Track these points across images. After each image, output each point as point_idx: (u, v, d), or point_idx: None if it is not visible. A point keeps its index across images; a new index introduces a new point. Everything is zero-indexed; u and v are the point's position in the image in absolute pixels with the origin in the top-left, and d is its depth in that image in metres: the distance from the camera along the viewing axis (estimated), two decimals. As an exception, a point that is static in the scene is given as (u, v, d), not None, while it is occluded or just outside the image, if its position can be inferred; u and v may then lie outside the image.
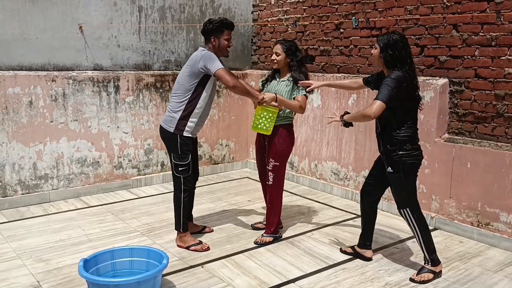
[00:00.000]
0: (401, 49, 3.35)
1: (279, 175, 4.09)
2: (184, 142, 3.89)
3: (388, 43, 3.35)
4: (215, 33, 3.85)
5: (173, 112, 3.87)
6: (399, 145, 3.40)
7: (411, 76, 3.35)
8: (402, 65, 3.34)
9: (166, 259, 3.15)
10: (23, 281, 3.43)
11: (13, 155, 4.95)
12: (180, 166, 3.93)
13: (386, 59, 3.38)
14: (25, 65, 5.06)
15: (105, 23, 5.50)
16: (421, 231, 3.50)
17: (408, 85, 3.33)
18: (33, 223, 4.57)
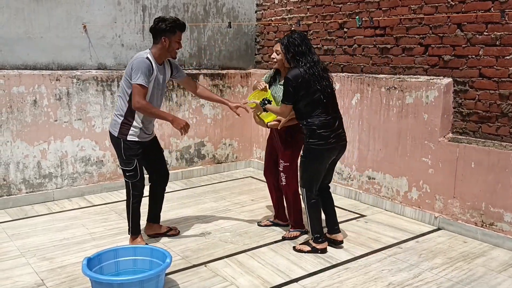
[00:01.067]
0: (299, 45, 3.69)
1: (291, 175, 4.12)
2: (128, 147, 3.75)
3: (287, 44, 3.73)
4: (167, 33, 3.67)
5: (116, 116, 3.77)
6: (309, 133, 3.71)
7: (309, 69, 3.64)
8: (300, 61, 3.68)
9: (169, 258, 3.16)
10: (27, 280, 3.44)
11: (17, 154, 4.97)
12: (127, 171, 3.81)
13: (287, 57, 3.75)
14: (29, 64, 5.08)
15: (109, 22, 5.51)
16: (309, 211, 3.87)
17: (305, 79, 3.61)
18: (37, 222, 4.59)
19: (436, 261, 3.79)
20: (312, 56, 3.72)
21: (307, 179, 3.83)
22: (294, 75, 3.64)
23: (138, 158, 3.83)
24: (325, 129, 3.68)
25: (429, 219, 4.57)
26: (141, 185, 3.92)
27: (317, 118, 3.68)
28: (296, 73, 3.64)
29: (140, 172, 3.86)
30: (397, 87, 4.77)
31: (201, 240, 4.17)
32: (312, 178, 3.83)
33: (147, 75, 3.64)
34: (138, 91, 3.60)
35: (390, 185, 4.93)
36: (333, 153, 3.82)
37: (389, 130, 4.87)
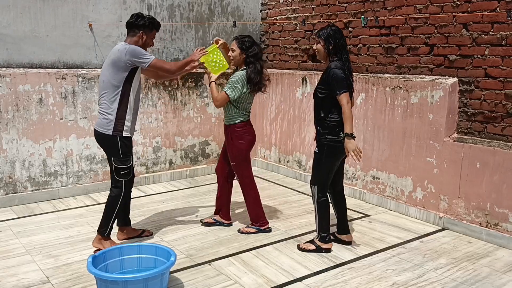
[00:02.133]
0: (340, 38, 3.71)
1: (241, 173, 4.28)
2: (125, 144, 3.75)
3: (329, 35, 3.70)
4: (145, 29, 3.75)
5: (108, 114, 3.70)
6: (329, 130, 3.71)
7: (348, 63, 3.69)
8: (340, 54, 3.69)
9: (174, 256, 3.17)
10: (33, 277, 3.46)
11: (23, 152, 5.00)
12: (122, 169, 3.78)
13: (329, 50, 3.71)
14: (35, 62, 5.10)
15: (115, 21, 5.52)
16: (319, 210, 3.86)
17: (345, 73, 3.65)
18: (42, 220, 4.61)
19: (440, 261, 3.78)
20: (348, 52, 3.79)
21: (321, 176, 3.83)
22: (339, 66, 3.66)
23: (132, 156, 3.86)
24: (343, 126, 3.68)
25: (433, 219, 4.56)
26: (131, 183, 3.95)
27: (339, 114, 3.69)
28: (339, 65, 3.67)
29: (132, 169, 3.90)
30: (402, 87, 4.76)
31: (206, 239, 4.18)
32: (326, 175, 3.83)
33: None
34: (159, 61, 3.74)
35: (395, 185, 4.93)
36: (344, 152, 3.79)
37: (394, 129, 4.86)
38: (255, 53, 4.09)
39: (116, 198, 3.83)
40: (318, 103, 3.79)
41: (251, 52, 4.08)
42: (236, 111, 4.16)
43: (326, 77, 3.70)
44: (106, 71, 3.73)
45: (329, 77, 3.66)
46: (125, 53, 3.63)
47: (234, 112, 4.17)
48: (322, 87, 3.75)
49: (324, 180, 3.84)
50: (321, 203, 3.86)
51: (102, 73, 3.76)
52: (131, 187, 4.00)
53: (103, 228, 3.83)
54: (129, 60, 3.63)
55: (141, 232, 4.21)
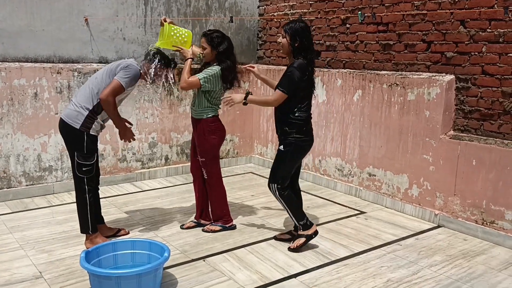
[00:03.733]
0: (307, 37, 3.60)
1: (210, 169, 4.15)
2: (91, 141, 3.70)
3: (297, 31, 3.56)
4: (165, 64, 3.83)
5: (80, 107, 3.62)
6: (296, 128, 3.65)
7: (312, 63, 3.63)
8: (306, 53, 3.58)
9: (168, 252, 3.15)
10: (25, 272, 3.44)
11: (17, 147, 4.97)
12: (84, 166, 3.69)
13: (294, 47, 3.57)
14: (30, 57, 5.07)
15: (111, 15, 5.49)
16: (287, 204, 3.79)
17: (309, 72, 3.60)
18: (37, 215, 4.59)
19: (435, 258, 3.77)
20: (313, 51, 3.72)
21: (283, 174, 3.76)
22: (303, 67, 3.58)
23: (97, 153, 3.81)
24: (309, 124, 3.74)
25: (429, 216, 4.55)
26: (96, 179, 3.90)
27: (304, 113, 3.69)
28: (304, 66, 3.59)
29: (96, 166, 3.83)
30: (399, 84, 4.74)
31: (200, 235, 4.17)
32: (289, 173, 3.79)
33: (132, 84, 3.70)
34: (117, 88, 3.59)
35: (391, 182, 4.92)
36: (309, 150, 3.85)
37: (391, 127, 4.85)
38: (225, 48, 3.99)
39: (82, 195, 3.75)
40: (288, 101, 3.65)
41: (222, 49, 3.97)
42: (209, 105, 4.06)
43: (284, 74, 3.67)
44: (102, 70, 3.74)
45: (286, 71, 3.62)
46: (122, 64, 3.67)
47: (206, 106, 4.06)
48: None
49: (285, 178, 3.77)
50: (287, 197, 3.79)
51: (100, 71, 3.75)
52: (97, 183, 3.94)
53: (84, 228, 3.80)
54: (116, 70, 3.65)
55: (116, 231, 4.10)
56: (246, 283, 3.33)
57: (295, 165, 3.84)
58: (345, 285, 3.33)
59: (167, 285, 3.28)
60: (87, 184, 3.74)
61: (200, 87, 3.97)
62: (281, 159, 3.76)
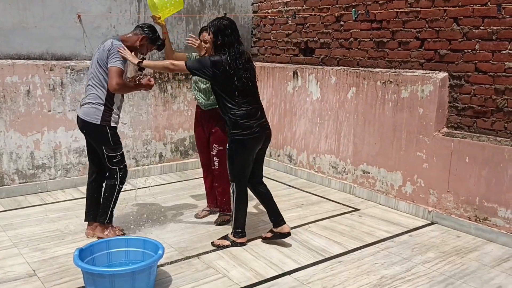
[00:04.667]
0: (229, 34, 3.60)
1: (224, 158, 4.16)
2: (114, 133, 3.79)
3: (219, 29, 3.59)
4: (150, 39, 3.88)
5: (96, 104, 3.70)
6: (232, 125, 3.66)
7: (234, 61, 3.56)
8: (229, 49, 3.58)
9: (162, 250, 3.15)
10: (19, 270, 3.43)
11: (10, 144, 4.94)
12: (114, 157, 3.81)
13: (216, 44, 3.62)
14: (23, 54, 5.03)
15: (104, 12, 5.46)
16: (237, 206, 3.83)
17: (225, 69, 3.53)
18: (30, 213, 4.56)
19: (429, 255, 3.79)
20: (239, 46, 3.65)
21: (237, 171, 3.77)
22: (216, 61, 3.55)
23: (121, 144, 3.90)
24: (248, 119, 3.66)
25: (422, 213, 4.58)
26: (126, 171, 3.98)
27: (239, 109, 3.63)
28: (218, 60, 3.55)
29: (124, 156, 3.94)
30: (392, 81, 4.75)
31: (195, 232, 4.16)
32: (241, 170, 3.77)
33: (124, 61, 3.73)
34: (118, 72, 3.64)
35: (385, 179, 4.93)
36: (259, 143, 3.78)
37: (384, 124, 4.86)
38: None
39: (113, 187, 3.87)
40: (217, 100, 3.73)
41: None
42: None
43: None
44: (94, 64, 3.75)
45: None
46: (108, 50, 3.68)
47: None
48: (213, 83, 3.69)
49: (240, 175, 3.78)
50: (240, 199, 3.82)
51: (91, 65, 3.79)
52: (126, 176, 3.97)
53: (102, 217, 3.89)
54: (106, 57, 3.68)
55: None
56: (241, 281, 3.33)
57: (245, 160, 3.76)
58: (339, 282, 3.34)
59: (161, 283, 3.28)
60: (120, 175, 3.87)
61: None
62: (228, 157, 3.78)
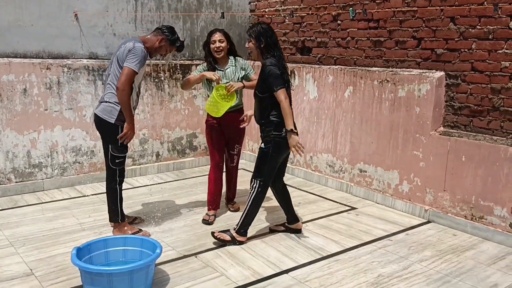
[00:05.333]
0: (271, 36, 3.74)
1: (239, 156, 4.65)
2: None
3: (260, 33, 3.73)
4: (171, 42, 3.87)
5: (114, 103, 3.73)
6: (274, 126, 3.72)
7: (280, 61, 3.72)
8: (273, 51, 3.71)
9: (160, 249, 3.15)
10: (16, 269, 3.42)
11: (7, 143, 4.92)
12: (118, 158, 3.85)
13: (260, 48, 3.74)
14: (19, 52, 5.01)
15: (101, 11, 5.45)
16: (254, 204, 3.85)
17: (280, 70, 3.67)
18: (26, 212, 4.55)
19: (425, 253, 3.81)
20: (280, 49, 3.82)
21: (267, 171, 3.82)
22: (274, 63, 3.68)
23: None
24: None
25: (419, 212, 4.59)
26: (124, 170, 4.01)
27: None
28: (274, 62, 3.68)
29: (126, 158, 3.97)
30: (389, 80, 4.77)
31: (192, 231, 4.17)
32: (272, 170, 3.85)
33: (143, 64, 3.74)
34: (130, 76, 3.64)
35: (382, 178, 4.95)
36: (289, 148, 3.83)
37: (381, 123, 4.88)
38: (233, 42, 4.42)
39: (113, 186, 3.92)
40: (259, 102, 3.79)
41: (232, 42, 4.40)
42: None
43: (263, 75, 3.70)
44: (113, 63, 3.78)
45: (265, 75, 3.67)
46: (128, 49, 3.69)
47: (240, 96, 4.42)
48: (262, 85, 3.74)
49: (268, 176, 3.84)
50: (259, 198, 3.85)
51: (110, 63, 3.82)
52: (124, 174, 4.03)
53: (113, 217, 3.97)
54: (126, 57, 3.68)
55: (133, 219, 4.29)
56: (238, 279, 3.34)
57: (277, 162, 3.86)
58: (337, 281, 3.35)
59: (159, 282, 3.28)
60: (118, 176, 3.91)
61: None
62: (262, 157, 3.82)
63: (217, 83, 4.12)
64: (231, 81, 4.24)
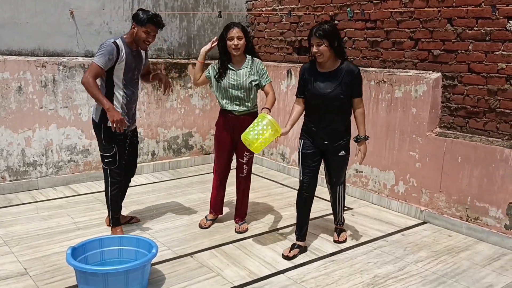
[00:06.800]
0: (340, 35, 3.55)
1: (252, 166, 4.21)
2: (108, 132, 3.70)
3: (331, 32, 3.43)
4: (137, 22, 3.63)
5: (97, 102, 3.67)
6: (347, 129, 3.69)
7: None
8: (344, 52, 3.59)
9: (155, 248, 3.13)
10: (10, 268, 3.39)
11: (1, 141, 4.88)
12: (106, 157, 3.77)
13: (335, 48, 3.47)
14: (14, 49, 4.98)
15: (97, 8, 5.42)
16: (344, 199, 4.02)
17: None
18: (21, 210, 4.52)
19: (421, 254, 3.81)
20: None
21: (345, 174, 3.93)
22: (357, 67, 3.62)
23: (118, 144, 3.78)
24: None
25: (415, 212, 4.60)
26: (120, 172, 3.87)
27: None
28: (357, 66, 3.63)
29: (119, 158, 3.81)
30: (386, 81, 4.77)
31: (188, 231, 4.15)
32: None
33: (109, 57, 3.56)
34: (92, 69, 3.54)
35: (378, 179, 4.95)
36: None
37: (378, 123, 4.88)
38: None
39: (105, 186, 3.88)
40: (338, 106, 3.56)
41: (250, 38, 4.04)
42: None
43: (352, 80, 3.51)
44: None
45: (356, 80, 3.53)
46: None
47: (256, 99, 4.08)
48: (346, 90, 3.52)
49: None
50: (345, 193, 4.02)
51: None
52: (121, 175, 3.89)
53: (108, 217, 4.02)
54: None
55: (129, 218, 4.27)
56: (234, 279, 3.33)
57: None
58: (333, 281, 3.35)
59: (155, 282, 3.26)
60: (110, 177, 3.81)
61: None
62: (345, 163, 3.80)
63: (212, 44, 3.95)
64: (242, 83, 3.89)
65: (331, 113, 3.59)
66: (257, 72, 3.95)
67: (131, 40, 3.71)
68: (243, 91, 3.94)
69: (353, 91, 3.56)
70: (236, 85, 3.91)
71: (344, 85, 3.52)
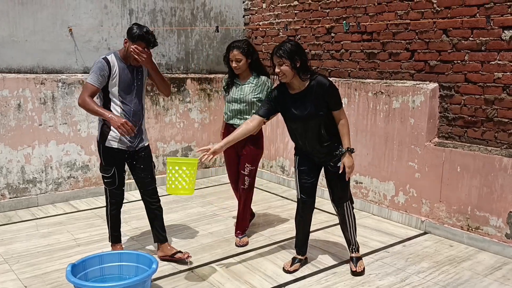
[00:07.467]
0: (303, 52, 3.35)
1: (254, 178, 4.19)
2: (107, 153, 3.61)
3: (294, 52, 3.27)
4: (129, 38, 3.46)
5: (99, 120, 3.63)
6: (338, 141, 3.49)
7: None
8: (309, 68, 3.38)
9: (156, 264, 3.12)
10: (10, 286, 3.38)
11: (0, 159, 4.89)
12: (105, 177, 3.70)
13: (298, 69, 3.29)
14: (13, 67, 5.01)
15: (95, 26, 5.46)
16: (354, 223, 3.74)
17: None
18: (20, 228, 4.51)
19: (422, 265, 3.80)
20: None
21: (349, 189, 3.70)
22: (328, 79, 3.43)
23: (118, 166, 3.68)
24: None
25: (415, 223, 4.59)
26: (119, 193, 3.78)
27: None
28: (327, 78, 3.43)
29: (118, 180, 3.71)
30: (384, 92, 4.79)
31: (188, 245, 4.14)
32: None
33: (100, 74, 3.44)
34: (87, 88, 3.44)
35: (377, 190, 4.95)
36: None
37: (376, 134, 4.89)
38: (257, 55, 4.14)
39: (106, 205, 3.85)
40: (320, 123, 3.39)
41: (255, 55, 4.09)
42: None
43: (324, 93, 3.33)
44: None
45: (330, 92, 3.34)
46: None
47: None
48: (322, 105, 3.35)
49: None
50: (354, 214, 3.72)
51: None
52: (120, 195, 3.81)
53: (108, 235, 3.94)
54: None
55: (175, 252, 3.82)
56: (235, 294, 3.32)
57: None
58: (334, 294, 3.33)
59: (155, 298, 3.25)
60: (110, 197, 3.78)
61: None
62: (345, 177, 3.50)
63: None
64: (245, 97, 4.03)
65: (315, 132, 3.43)
66: (262, 91, 4.08)
67: (124, 55, 3.56)
68: (246, 105, 4.09)
69: (329, 104, 3.37)
70: (239, 99, 4.08)
71: (319, 101, 3.34)
